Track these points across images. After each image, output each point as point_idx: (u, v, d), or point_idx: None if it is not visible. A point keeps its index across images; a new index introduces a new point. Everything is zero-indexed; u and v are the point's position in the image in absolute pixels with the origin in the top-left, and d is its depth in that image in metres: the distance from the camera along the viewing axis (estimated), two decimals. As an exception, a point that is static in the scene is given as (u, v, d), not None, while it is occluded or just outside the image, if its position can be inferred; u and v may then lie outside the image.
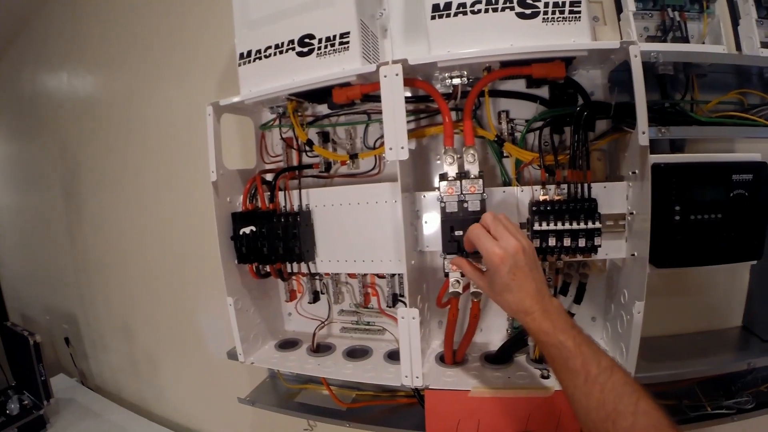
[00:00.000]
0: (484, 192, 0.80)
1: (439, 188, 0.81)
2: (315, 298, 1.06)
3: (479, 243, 0.68)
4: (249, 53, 0.96)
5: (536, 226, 0.82)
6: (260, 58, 0.95)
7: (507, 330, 0.99)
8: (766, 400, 1.12)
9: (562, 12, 0.81)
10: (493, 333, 1.01)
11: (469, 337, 0.91)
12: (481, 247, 0.68)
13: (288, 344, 1.08)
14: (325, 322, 1.07)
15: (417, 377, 0.86)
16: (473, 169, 0.81)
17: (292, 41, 0.91)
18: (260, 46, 0.94)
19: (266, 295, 1.09)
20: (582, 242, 0.82)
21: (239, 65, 0.97)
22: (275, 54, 0.93)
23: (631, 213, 0.86)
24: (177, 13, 1.39)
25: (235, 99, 0.96)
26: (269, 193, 0.98)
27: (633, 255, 0.85)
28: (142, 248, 1.64)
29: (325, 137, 1.04)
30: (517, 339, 0.93)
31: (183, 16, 1.37)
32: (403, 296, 0.99)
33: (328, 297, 1.06)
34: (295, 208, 0.98)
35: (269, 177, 1.00)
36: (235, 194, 1.02)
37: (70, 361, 2.27)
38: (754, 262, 0.99)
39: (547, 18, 0.81)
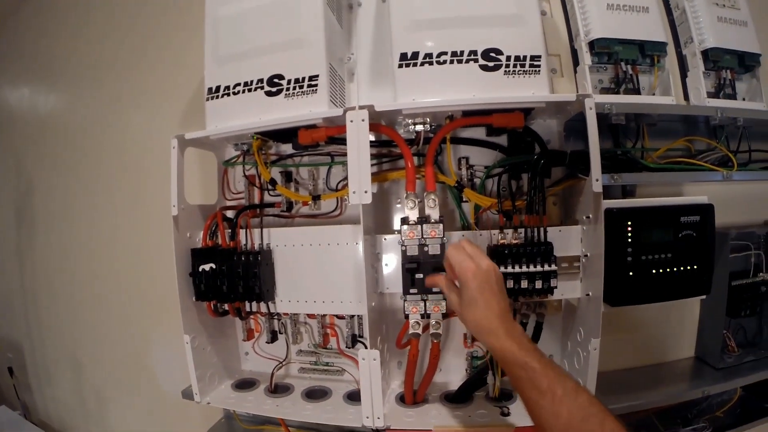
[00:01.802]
0: (444, 236, 0.82)
1: (400, 232, 0.82)
2: (273, 337, 1.04)
3: (455, 258, 0.69)
4: (217, 89, 0.96)
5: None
6: (228, 95, 0.95)
7: (466, 369, 1.00)
8: (721, 425, 1.18)
9: (523, 65, 0.86)
10: (453, 373, 1.02)
11: (429, 377, 0.91)
12: (455, 261, 0.69)
13: (245, 384, 1.05)
14: (283, 363, 1.05)
15: (378, 418, 0.86)
16: (434, 213, 0.83)
17: (261, 80, 0.92)
18: (229, 83, 0.95)
19: (223, 334, 1.06)
20: (539, 284, 0.85)
21: (207, 100, 0.97)
22: (244, 91, 0.94)
23: (586, 255, 0.90)
24: (147, 41, 1.38)
25: (201, 133, 0.95)
26: (230, 231, 0.96)
27: (588, 295, 0.89)
28: (96, 278, 1.56)
29: (287, 177, 1.04)
30: (477, 378, 0.94)
31: (152, 45, 1.36)
32: (362, 337, 0.99)
33: (286, 337, 1.05)
34: (256, 246, 0.97)
35: (230, 214, 0.99)
36: (195, 230, 1.00)
37: (13, 392, 2.11)
38: (704, 296, 1.05)
39: (509, 71, 0.86)
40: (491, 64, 0.85)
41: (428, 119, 0.87)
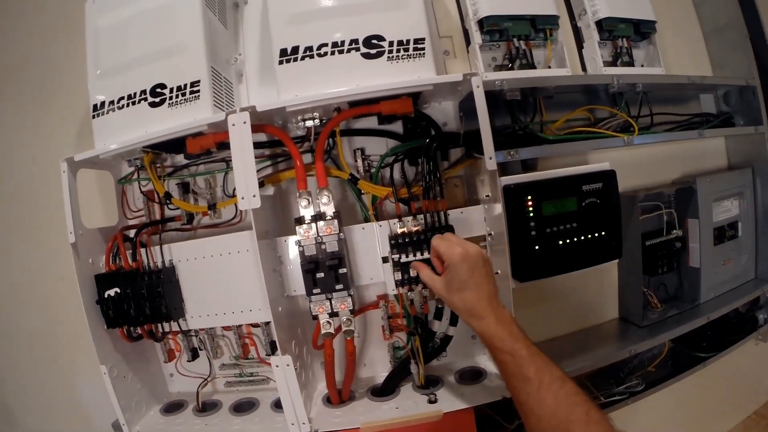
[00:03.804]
0: (341, 232, 0.81)
1: (296, 232, 0.81)
2: (194, 355, 1.01)
3: (442, 245, 0.71)
4: (102, 104, 0.92)
5: (396, 259, 0.84)
6: (113, 110, 0.91)
7: (390, 361, 1.00)
8: (655, 379, 1.21)
9: (406, 50, 0.85)
10: (377, 366, 1.01)
11: (350, 374, 0.90)
12: (444, 249, 0.71)
13: (173, 407, 1.01)
14: (208, 379, 1.01)
15: (303, 423, 0.84)
16: (328, 210, 0.81)
17: (144, 91, 0.89)
18: (113, 97, 0.91)
19: (144, 358, 1.02)
20: (445, 267, 0.85)
21: (93, 117, 0.93)
22: (128, 105, 0.90)
23: (490, 234, 0.90)
24: (35, 59, 1.29)
25: (90, 153, 0.91)
26: (131, 251, 0.93)
27: (497, 273, 0.89)
28: (4, 317, 1.46)
29: (185, 188, 1.00)
30: (401, 368, 0.93)
31: (42, 62, 1.28)
32: (280, 343, 0.97)
33: (206, 352, 1.01)
34: (159, 264, 0.94)
35: (132, 233, 0.95)
36: (98, 254, 0.95)
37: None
38: (617, 260, 1.07)
39: (392, 56, 0.85)
40: (374, 51, 0.84)
41: (317, 114, 0.86)
